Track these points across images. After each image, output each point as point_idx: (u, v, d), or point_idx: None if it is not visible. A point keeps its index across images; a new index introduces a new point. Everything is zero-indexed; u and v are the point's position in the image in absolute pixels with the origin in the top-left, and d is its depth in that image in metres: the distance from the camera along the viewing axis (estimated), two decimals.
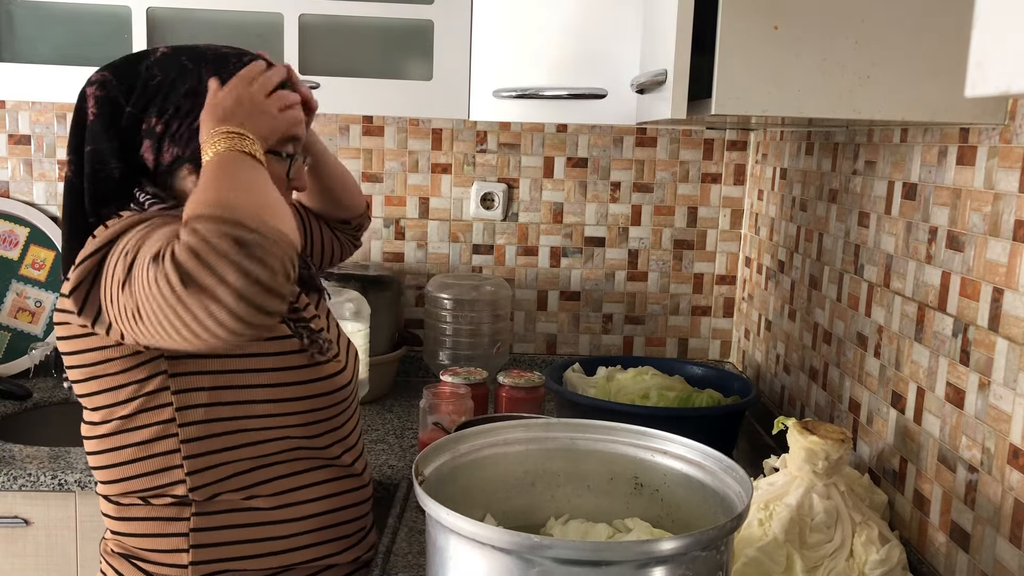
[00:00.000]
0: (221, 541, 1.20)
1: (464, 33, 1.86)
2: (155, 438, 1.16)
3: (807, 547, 1.21)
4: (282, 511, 1.22)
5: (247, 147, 1.08)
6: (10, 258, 2.22)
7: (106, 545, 1.27)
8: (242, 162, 1.06)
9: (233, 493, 1.19)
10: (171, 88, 1.17)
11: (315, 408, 1.23)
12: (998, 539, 1.14)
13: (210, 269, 0.91)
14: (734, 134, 2.32)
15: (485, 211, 2.32)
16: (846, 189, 1.66)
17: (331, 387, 1.24)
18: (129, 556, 1.23)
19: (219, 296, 0.91)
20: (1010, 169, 1.15)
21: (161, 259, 0.94)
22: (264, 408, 1.19)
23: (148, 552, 1.21)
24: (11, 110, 2.25)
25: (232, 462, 1.18)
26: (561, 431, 1.23)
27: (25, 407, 2.05)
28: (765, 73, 1.16)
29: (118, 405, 1.16)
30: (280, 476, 1.22)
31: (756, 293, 2.22)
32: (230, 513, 1.20)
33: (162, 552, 1.20)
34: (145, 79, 1.18)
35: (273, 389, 1.19)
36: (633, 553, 0.93)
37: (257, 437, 1.19)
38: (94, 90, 1.19)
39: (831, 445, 1.25)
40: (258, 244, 0.93)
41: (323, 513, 1.26)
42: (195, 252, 0.92)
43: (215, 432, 1.17)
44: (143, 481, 1.18)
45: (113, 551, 1.25)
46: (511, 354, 2.36)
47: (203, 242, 0.92)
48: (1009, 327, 1.13)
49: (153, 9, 1.86)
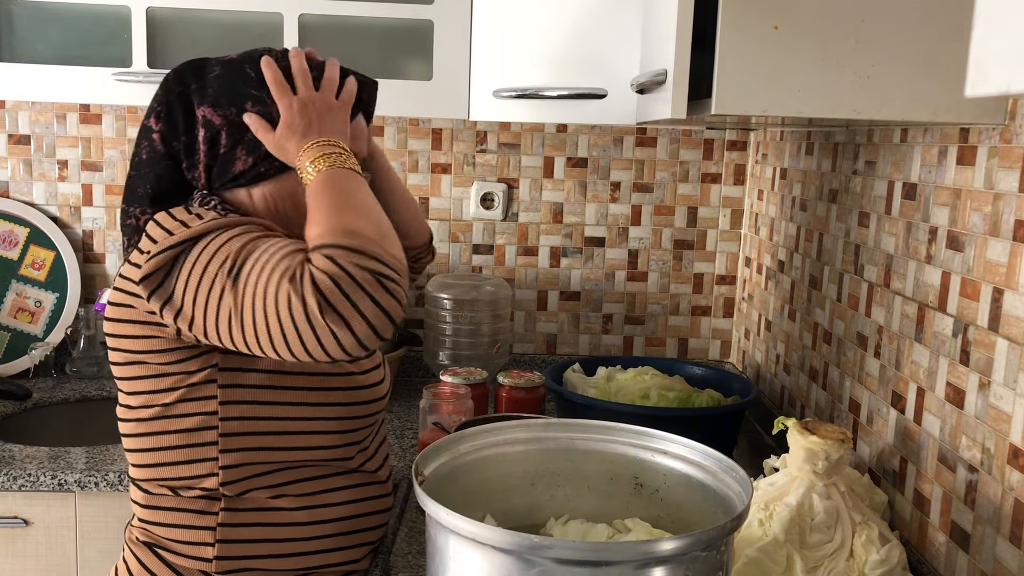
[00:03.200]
0: (247, 538, 1.21)
1: (464, 33, 1.86)
2: (195, 428, 1.17)
3: (807, 547, 1.21)
4: (307, 512, 1.23)
5: (347, 163, 1.14)
6: (10, 258, 2.22)
7: (131, 533, 1.27)
8: (349, 180, 1.13)
9: (262, 491, 1.20)
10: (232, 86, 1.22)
11: (353, 416, 1.25)
12: (998, 539, 1.14)
13: (350, 300, 0.98)
14: (734, 134, 2.32)
15: (485, 211, 2.32)
16: (846, 189, 1.66)
17: (372, 396, 1.27)
18: (154, 545, 1.23)
19: (353, 325, 0.99)
20: (1010, 169, 1.15)
21: (299, 280, 1.00)
22: (304, 411, 1.20)
23: (173, 543, 1.21)
24: (11, 110, 2.25)
25: (266, 461, 1.20)
26: (561, 431, 1.23)
27: (25, 407, 2.05)
28: (765, 73, 1.16)
29: (161, 392, 1.17)
30: (308, 478, 1.23)
31: (756, 293, 2.22)
32: (257, 511, 1.21)
33: (187, 544, 1.21)
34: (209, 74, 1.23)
35: (316, 392, 1.21)
36: (633, 553, 0.93)
37: (293, 442, 1.20)
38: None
39: (831, 445, 1.25)
40: (392, 279, 1.01)
41: (347, 518, 1.27)
42: (336, 282, 0.99)
43: (254, 430, 1.18)
44: (177, 470, 1.19)
45: (138, 539, 1.25)
46: (511, 354, 2.36)
47: (343, 273, 0.99)
48: (1009, 327, 1.13)
49: (153, 9, 1.85)
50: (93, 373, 2.22)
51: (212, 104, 1.21)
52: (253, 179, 1.22)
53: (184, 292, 1.09)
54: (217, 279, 1.06)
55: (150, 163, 1.23)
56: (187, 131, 1.21)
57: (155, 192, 1.23)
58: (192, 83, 1.22)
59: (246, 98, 1.21)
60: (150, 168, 1.23)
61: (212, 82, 1.22)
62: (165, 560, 1.22)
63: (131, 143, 2.26)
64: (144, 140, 1.24)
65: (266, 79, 1.20)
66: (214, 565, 1.20)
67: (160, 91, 1.24)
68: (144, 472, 1.22)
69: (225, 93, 1.21)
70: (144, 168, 1.23)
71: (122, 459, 1.74)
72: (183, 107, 1.22)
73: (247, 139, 1.21)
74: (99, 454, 1.77)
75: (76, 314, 2.23)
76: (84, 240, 2.30)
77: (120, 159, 2.27)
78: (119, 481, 1.69)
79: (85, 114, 2.26)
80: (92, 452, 1.78)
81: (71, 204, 2.29)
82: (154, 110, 1.23)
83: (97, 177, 2.28)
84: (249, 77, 1.22)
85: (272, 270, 1.02)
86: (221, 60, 1.24)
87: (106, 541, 1.72)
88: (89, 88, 1.88)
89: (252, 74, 1.22)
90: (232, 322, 1.05)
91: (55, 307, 2.24)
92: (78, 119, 2.26)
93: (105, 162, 2.28)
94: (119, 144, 2.27)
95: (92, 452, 1.78)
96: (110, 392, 2.15)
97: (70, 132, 2.26)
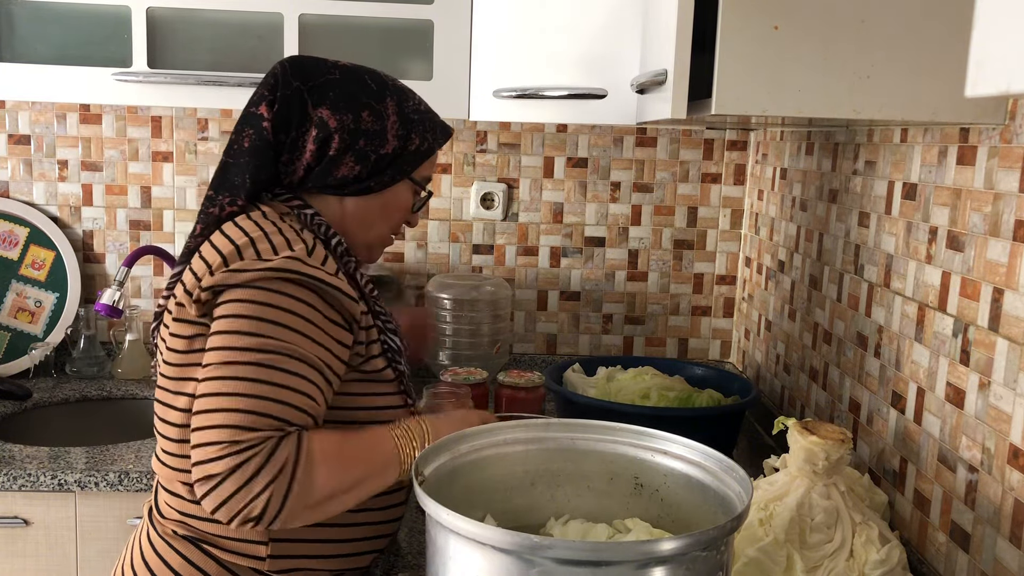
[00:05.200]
0: (300, 538, 1.20)
1: (464, 33, 1.86)
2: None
3: (807, 547, 1.21)
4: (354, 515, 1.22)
5: (407, 453, 1.18)
6: (10, 258, 2.22)
7: (164, 527, 1.23)
8: (391, 476, 1.17)
9: None
10: (351, 94, 1.24)
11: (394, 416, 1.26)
12: (998, 539, 1.14)
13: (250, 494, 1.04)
14: (734, 134, 2.32)
15: (485, 211, 2.32)
16: (846, 189, 1.66)
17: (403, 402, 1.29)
18: (200, 541, 1.21)
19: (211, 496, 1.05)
20: (1010, 169, 1.15)
21: (240, 448, 1.03)
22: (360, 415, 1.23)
23: (224, 540, 1.19)
24: (11, 110, 2.25)
25: None
26: (561, 431, 1.23)
27: (25, 407, 2.05)
28: (765, 73, 1.16)
29: None
30: None
31: (756, 293, 2.22)
32: None
33: (240, 542, 1.19)
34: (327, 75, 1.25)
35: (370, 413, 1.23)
36: (633, 553, 0.93)
37: None
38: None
39: (831, 445, 1.25)
40: (260, 523, 1.05)
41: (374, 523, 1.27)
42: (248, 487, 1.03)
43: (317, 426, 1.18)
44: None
45: (176, 533, 1.22)
46: (511, 354, 2.36)
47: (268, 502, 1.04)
48: (1009, 327, 1.13)
49: (153, 9, 1.85)
50: (93, 373, 2.22)
51: (331, 107, 1.22)
52: (356, 192, 1.25)
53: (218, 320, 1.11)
54: (228, 350, 1.09)
55: (253, 151, 1.22)
56: (298, 126, 1.22)
57: (253, 182, 1.23)
58: (310, 81, 1.23)
59: (364, 107, 1.23)
60: (252, 157, 1.22)
61: (331, 85, 1.23)
62: (214, 556, 1.20)
63: (130, 143, 2.27)
64: (250, 127, 1.23)
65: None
66: (267, 564, 1.19)
67: (271, 80, 1.24)
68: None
69: (344, 98, 1.22)
70: (245, 156, 1.23)
71: (122, 459, 1.74)
72: (299, 103, 1.22)
73: (358, 148, 1.22)
74: (99, 454, 1.77)
75: (76, 314, 2.23)
76: (84, 240, 2.30)
77: (120, 159, 2.27)
78: (119, 481, 1.69)
79: (85, 114, 2.26)
80: (92, 452, 1.78)
81: (71, 204, 2.28)
82: (265, 98, 1.23)
83: (97, 177, 2.28)
84: (370, 88, 1.24)
85: (240, 411, 1.05)
86: (338, 64, 1.26)
87: (106, 541, 1.72)
88: (89, 88, 1.88)
89: (373, 86, 1.25)
90: (200, 380, 1.09)
91: (55, 307, 2.24)
92: (78, 119, 2.26)
93: (105, 162, 2.27)
94: (119, 144, 2.27)
95: (92, 452, 1.78)
96: (110, 392, 2.15)
97: (70, 132, 2.26)
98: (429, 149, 1.30)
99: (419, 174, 1.31)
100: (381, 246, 1.35)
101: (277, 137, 1.22)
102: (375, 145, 1.24)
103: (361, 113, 1.23)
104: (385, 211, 1.29)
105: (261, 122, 1.22)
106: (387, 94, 1.26)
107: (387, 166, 1.26)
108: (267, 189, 1.25)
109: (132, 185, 2.29)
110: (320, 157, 1.23)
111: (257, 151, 1.22)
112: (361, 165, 1.23)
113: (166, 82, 1.85)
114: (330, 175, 1.23)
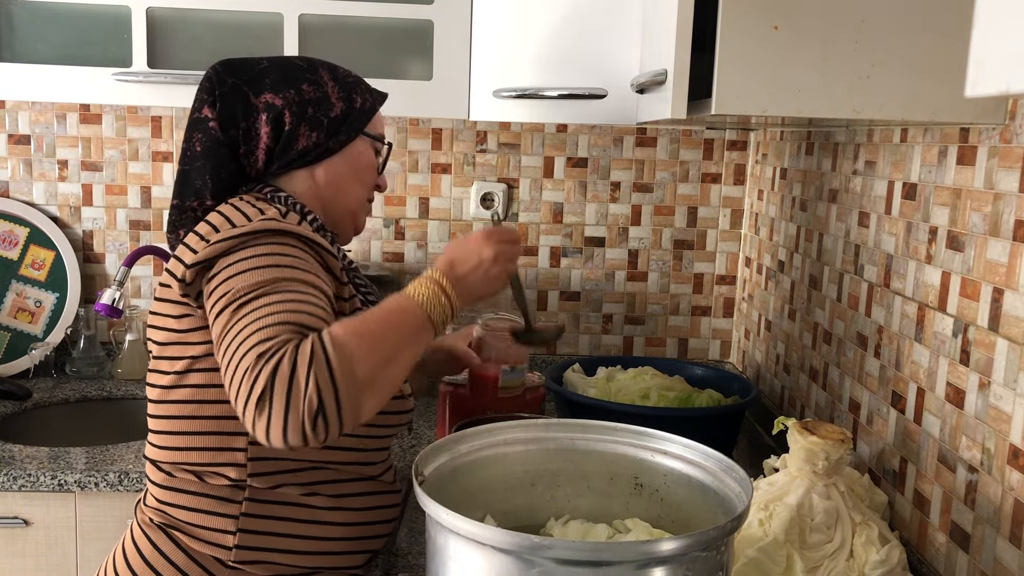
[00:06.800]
0: (270, 531, 1.21)
1: (464, 33, 1.86)
2: (228, 416, 1.17)
3: (807, 547, 1.21)
4: (337, 513, 1.23)
5: (436, 313, 1.15)
6: (10, 258, 2.22)
7: (143, 514, 1.26)
8: (413, 328, 1.13)
9: (294, 487, 1.21)
10: (286, 74, 1.29)
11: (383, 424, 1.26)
12: (998, 539, 1.14)
13: (286, 404, 0.98)
14: (734, 134, 2.32)
15: (485, 211, 2.32)
16: (846, 189, 1.66)
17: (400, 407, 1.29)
18: (170, 528, 1.22)
19: (272, 423, 0.98)
20: (1010, 169, 1.15)
21: (266, 358, 0.99)
22: None
23: (192, 527, 1.21)
24: (11, 110, 2.25)
25: (298, 458, 1.20)
26: (561, 431, 1.23)
27: (25, 407, 2.05)
28: (765, 73, 1.16)
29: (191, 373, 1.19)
30: (333, 480, 1.24)
31: (756, 293, 2.22)
32: (287, 506, 1.21)
33: (207, 530, 1.20)
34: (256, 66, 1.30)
35: None
36: (633, 553, 0.93)
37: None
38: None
39: (831, 445, 1.25)
40: (326, 426, 0.99)
41: (361, 523, 1.27)
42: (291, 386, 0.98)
43: None
44: (203, 455, 1.20)
45: (152, 521, 1.24)
46: None
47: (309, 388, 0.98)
48: (1009, 327, 1.13)
49: (153, 9, 1.85)
50: (93, 373, 2.22)
51: (271, 90, 1.27)
52: (319, 156, 1.29)
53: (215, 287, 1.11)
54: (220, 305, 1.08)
55: (207, 154, 1.26)
56: (246, 117, 1.26)
57: (215, 182, 1.26)
58: (244, 75, 1.27)
59: (302, 81, 1.28)
60: (206, 159, 1.25)
61: (265, 73, 1.28)
62: (179, 543, 1.21)
63: (130, 143, 2.26)
64: (198, 132, 1.26)
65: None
66: (233, 554, 1.20)
67: (207, 84, 1.27)
68: (170, 455, 1.22)
69: (281, 80, 1.28)
70: (200, 160, 1.26)
71: (122, 459, 1.74)
72: (240, 97, 1.26)
73: (309, 116, 1.27)
74: (99, 454, 1.77)
75: (76, 314, 2.23)
76: (84, 240, 2.30)
77: (120, 159, 2.27)
78: (119, 481, 1.69)
79: (85, 114, 2.26)
80: (92, 452, 1.78)
81: (71, 204, 2.28)
82: (205, 101, 1.26)
83: (97, 177, 2.28)
84: (300, 66, 1.30)
85: (256, 331, 1.03)
86: (264, 58, 1.31)
87: (106, 541, 1.72)
88: (89, 88, 1.88)
89: (302, 64, 1.31)
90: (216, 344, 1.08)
91: (55, 307, 2.24)
92: (78, 119, 2.26)
93: (105, 162, 2.27)
94: (119, 144, 2.27)
95: (92, 452, 1.78)
96: (110, 392, 2.15)
97: (70, 132, 2.26)
98: (372, 107, 1.36)
99: (372, 129, 1.36)
100: (363, 212, 1.38)
101: (227, 133, 1.26)
102: (324, 110, 1.29)
103: (301, 87, 1.28)
104: (354, 171, 1.33)
105: (207, 123, 1.26)
106: (318, 66, 1.32)
107: (340, 126, 1.31)
108: (234, 187, 1.28)
109: (132, 185, 2.29)
110: (277, 136, 1.27)
111: (210, 151, 1.26)
112: (317, 131, 1.28)
113: (166, 82, 1.85)
114: (291, 149, 1.27)
